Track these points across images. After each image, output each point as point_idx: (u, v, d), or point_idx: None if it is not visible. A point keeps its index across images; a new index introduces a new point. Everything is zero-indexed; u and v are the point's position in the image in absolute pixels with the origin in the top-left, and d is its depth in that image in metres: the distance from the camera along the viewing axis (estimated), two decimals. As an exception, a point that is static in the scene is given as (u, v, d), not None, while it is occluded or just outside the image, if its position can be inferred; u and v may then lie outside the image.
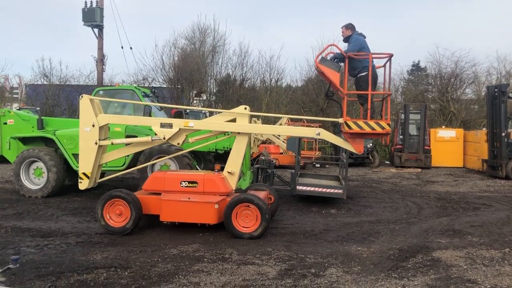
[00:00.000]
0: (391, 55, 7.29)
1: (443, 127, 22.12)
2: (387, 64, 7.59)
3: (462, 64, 25.85)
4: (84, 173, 7.08)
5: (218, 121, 7.22)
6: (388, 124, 7.11)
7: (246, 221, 6.54)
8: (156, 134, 7.16)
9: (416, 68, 36.76)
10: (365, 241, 6.61)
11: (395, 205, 9.88)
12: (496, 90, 15.60)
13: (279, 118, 19.15)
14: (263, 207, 6.45)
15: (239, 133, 7.14)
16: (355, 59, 7.49)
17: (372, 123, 7.07)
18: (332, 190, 9.34)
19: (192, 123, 7.10)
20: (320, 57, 7.52)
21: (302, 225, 7.59)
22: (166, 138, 7.02)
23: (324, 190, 9.34)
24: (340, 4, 67.05)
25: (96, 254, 5.62)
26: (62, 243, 6.16)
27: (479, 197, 11.22)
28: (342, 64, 7.55)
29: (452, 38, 53.44)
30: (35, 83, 27.31)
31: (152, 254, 5.64)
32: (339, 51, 7.53)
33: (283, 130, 8.51)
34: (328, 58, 7.64)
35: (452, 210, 9.28)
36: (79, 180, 7.11)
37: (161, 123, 7.07)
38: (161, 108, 11.90)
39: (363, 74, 7.59)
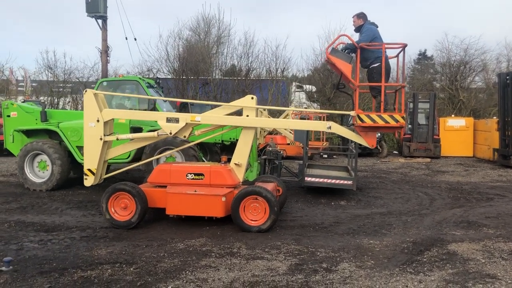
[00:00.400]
0: (405, 45, 6.99)
1: (453, 116, 21.78)
2: (401, 55, 7.31)
3: (471, 51, 25.44)
4: (89, 169, 6.92)
5: (225, 116, 7.01)
6: (403, 117, 6.84)
7: (254, 214, 6.36)
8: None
9: (423, 57, 36.30)
10: (377, 233, 6.41)
11: (406, 196, 9.66)
12: (508, 77, 15.26)
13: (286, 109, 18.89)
14: (271, 199, 6.27)
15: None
16: (367, 49, 7.21)
17: (385, 116, 6.81)
18: (341, 182, 9.12)
19: (199, 118, 6.89)
20: (330, 48, 7.25)
21: (312, 218, 7.40)
22: (173, 133, 6.83)
23: (333, 181, 9.13)
24: (346, -8, 66.32)
25: (101, 249, 5.47)
26: (66, 237, 6.01)
27: (492, 187, 10.97)
28: (353, 55, 7.28)
29: (461, 25, 52.64)
30: (40, 78, 27.19)
31: (158, 249, 5.48)
32: (351, 42, 7.25)
33: (292, 124, 8.22)
34: (339, 49, 7.36)
35: (465, 201, 9.04)
36: (84, 177, 6.95)
37: (167, 118, 6.87)
38: (165, 101, 11.70)
39: (375, 65, 7.31)
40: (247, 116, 6.87)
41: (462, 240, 5.99)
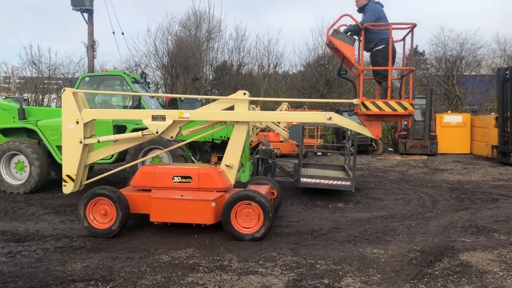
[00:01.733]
0: (413, 25, 6.34)
1: (449, 112, 21.36)
2: (408, 37, 6.69)
3: (467, 46, 25.03)
4: (68, 175, 6.31)
5: (215, 110, 6.42)
6: (411, 104, 6.26)
7: (247, 221, 5.79)
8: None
9: (415, 52, 35.90)
10: (380, 241, 5.89)
11: (406, 197, 9.17)
12: (507, 72, 14.83)
13: (279, 104, 18.34)
14: (266, 205, 5.71)
15: (238, 121, 6.37)
16: (370, 31, 6.55)
17: (393, 103, 6.19)
18: (339, 182, 8.60)
19: (187, 114, 6.30)
20: (332, 29, 6.62)
21: (309, 222, 6.86)
22: (159, 132, 6.23)
23: (330, 182, 8.60)
24: (338, -12, 65.57)
25: (76, 262, 4.89)
26: (39, 249, 5.41)
27: (494, 187, 10.52)
28: (356, 37, 6.69)
29: (454, 20, 52.36)
30: (24, 74, 26.36)
31: (140, 262, 4.91)
32: (354, 22, 6.59)
33: (289, 116, 7.55)
34: (341, 31, 6.72)
35: (469, 203, 8.56)
36: (63, 183, 6.34)
37: (152, 116, 6.26)
38: (152, 96, 11.10)
39: (380, 47, 6.64)
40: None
41: (474, 249, 5.49)
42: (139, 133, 6.48)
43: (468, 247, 5.58)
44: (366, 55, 7.02)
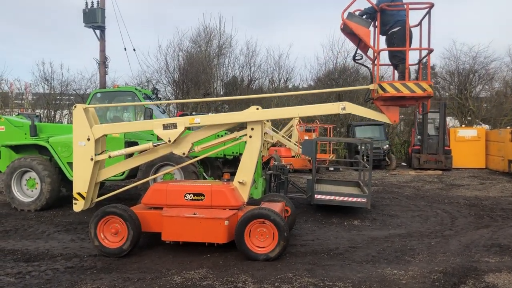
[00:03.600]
0: (431, 5, 6.12)
1: (463, 126, 21.03)
2: (426, 18, 6.48)
3: (480, 59, 24.75)
4: (79, 193, 6.21)
5: (227, 114, 6.35)
6: (430, 86, 6.00)
7: (261, 240, 5.62)
8: (158, 139, 6.31)
9: (424, 66, 35.65)
10: (400, 261, 5.67)
11: (423, 214, 8.91)
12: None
13: (290, 119, 18.20)
14: (280, 223, 5.54)
15: (250, 137, 6.23)
16: (386, 13, 6.34)
17: (411, 84, 5.97)
18: (354, 199, 8.38)
19: (198, 119, 6.20)
20: (347, 12, 6.45)
21: (324, 241, 6.66)
22: (172, 140, 6.12)
23: (345, 199, 8.39)
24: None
25: (86, 284, 4.75)
26: (49, 269, 5.29)
27: (514, 203, 10.22)
28: (371, 21, 6.50)
29: (466, 33, 52.09)
30: (37, 90, 26.63)
31: (152, 283, 4.76)
32: (370, 4, 6.40)
33: (302, 110, 7.09)
34: (356, 14, 6.54)
35: (489, 220, 8.29)
36: (74, 201, 6.24)
37: (163, 125, 6.17)
38: (164, 111, 11.04)
39: (395, 29, 6.38)
40: (252, 129, 6.18)
41: (499, 270, 5.25)
42: (150, 144, 6.38)
43: (493, 267, 5.34)
44: (382, 41, 6.72)
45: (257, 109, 6.19)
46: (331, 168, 18.34)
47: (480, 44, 33.03)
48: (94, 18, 18.70)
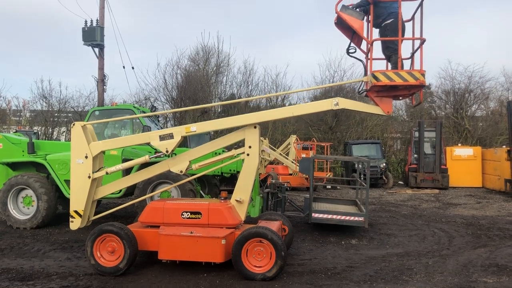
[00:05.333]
0: None
1: (459, 145, 21.13)
2: (418, 12, 6.56)
3: (475, 79, 25.03)
4: (75, 211, 6.19)
5: (221, 120, 6.57)
6: (423, 75, 6.04)
7: (259, 259, 5.60)
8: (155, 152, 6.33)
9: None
10: (397, 281, 5.65)
11: (421, 233, 8.90)
12: (518, 105, 14.71)
13: (288, 136, 18.27)
14: (278, 242, 5.52)
15: (248, 155, 6.25)
16: (379, 5, 6.45)
17: (403, 73, 6.04)
18: (351, 218, 8.37)
19: (194, 127, 6.24)
20: (340, 4, 6.49)
21: (322, 261, 6.63)
22: (170, 151, 6.14)
23: (343, 217, 8.38)
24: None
25: (81, 303, 4.70)
26: (44, 288, 5.25)
27: (511, 222, 10.22)
28: (364, 14, 6.58)
29: (461, 53, 52.72)
30: (35, 107, 26.67)
31: (148, 303, 4.71)
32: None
33: (296, 109, 6.96)
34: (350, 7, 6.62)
35: (487, 239, 8.28)
36: (70, 219, 6.21)
37: (160, 136, 6.20)
38: (162, 127, 11.06)
39: (388, 21, 6.47)
40: (250, 147, 6.21)
41: (497, 290, 5.23)
42: (146, 157, 6.40)
43: (491, 288, 5.33)
44: (375, 34, 6.77)
45: (255, 127, 6.23)
46: (329, 187, 18.35)
47: (475, 64, 33.57)
48: (93, 36, 18.84)
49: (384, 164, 19.56)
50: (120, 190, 8.49)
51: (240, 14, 58.48)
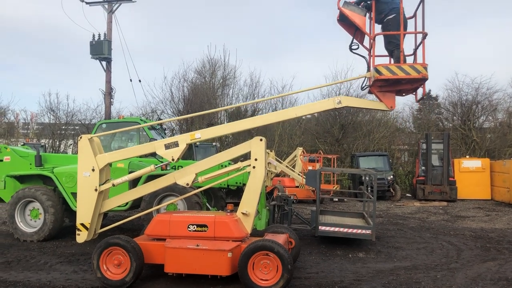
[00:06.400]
0: None
1: (467, 157, 20.98)
2: (420, 8, 6.55)
3: (483, 90, 24.94)
4: (82, 224, 6.20)
5: (225, 126, 6.77)
6: (425, 68, 6.03)
7: (265, 273, 5.56)
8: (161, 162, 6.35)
9: (428, 97, 35.93)
10: (405, 295, 5.58)
11: (429, 246, 8.81)
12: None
13: (294, 148, 18.24)
14: (284, 255, 5.49)
15: (254, 167, 6.25)
16: (381, 1, 6.51)
17: (406, 66, 6.06)
18: (359, 231, 8.31)
19: (199, 134, 6.28)
20: (342, 1, 6.54)
21: (329, 274, 6.58)
22: (175, 159, 6.18)
23: (350, 230, 8.33)
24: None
25: (87, 317, 4.69)
26: (50, 301, 5.24)
27: (521, 235, 10.09)
28: (366, 10, 6.61)
29: (468, 64, 52.62)
30: (42, 120, 26.94)
31: (154, 317, 4.69)
32: None
33: (299, 110, 6.88)
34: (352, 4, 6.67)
35: (496, 253, 8.18)
36: (77, 232, 6.23)
37: (165, 145, 6.24)
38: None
39: (390, 16, 6.53)
40: (256, 159, 6.21)
41: (507, 304, 5.15)
42: (152, 167, 6.42)
43: (501, 302, 5.25)
44: (377, 29, 6.80)
45: (261, 140, 6.24)
46: (335, 199, 18.25)
47: (482, 76, 33.42)
48: (101, 50, 19.13)
49: (392, 177, 19.44)
50: (127, 203, 8.50)
51: (247, 27, 58.95)
